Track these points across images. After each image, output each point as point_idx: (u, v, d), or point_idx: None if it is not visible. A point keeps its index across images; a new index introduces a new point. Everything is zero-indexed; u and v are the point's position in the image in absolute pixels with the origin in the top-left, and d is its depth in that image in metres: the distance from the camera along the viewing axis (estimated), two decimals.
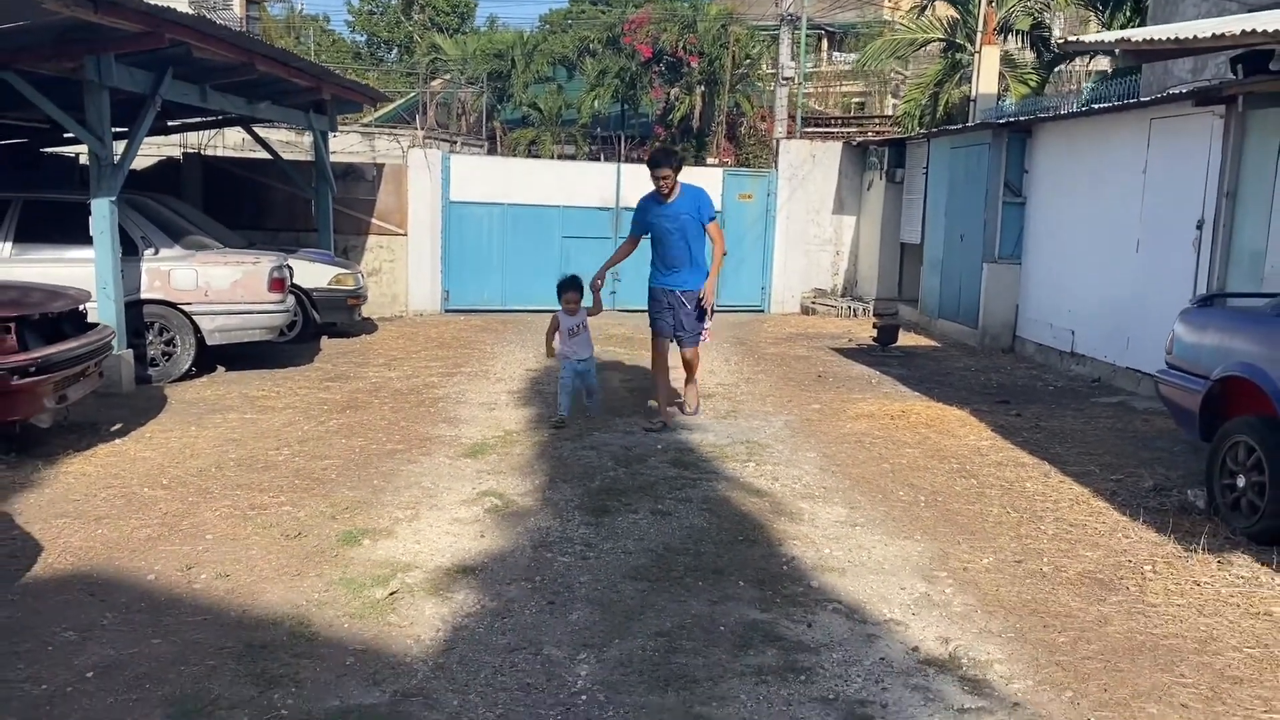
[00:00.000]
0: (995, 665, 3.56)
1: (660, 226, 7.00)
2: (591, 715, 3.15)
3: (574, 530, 4.94)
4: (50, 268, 7.96)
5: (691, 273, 7.06)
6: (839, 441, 6.94)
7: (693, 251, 7.03)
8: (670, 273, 7.07)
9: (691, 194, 7.02)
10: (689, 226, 6.95)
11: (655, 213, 7.03)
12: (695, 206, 6.98)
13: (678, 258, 7.02)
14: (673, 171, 6.91)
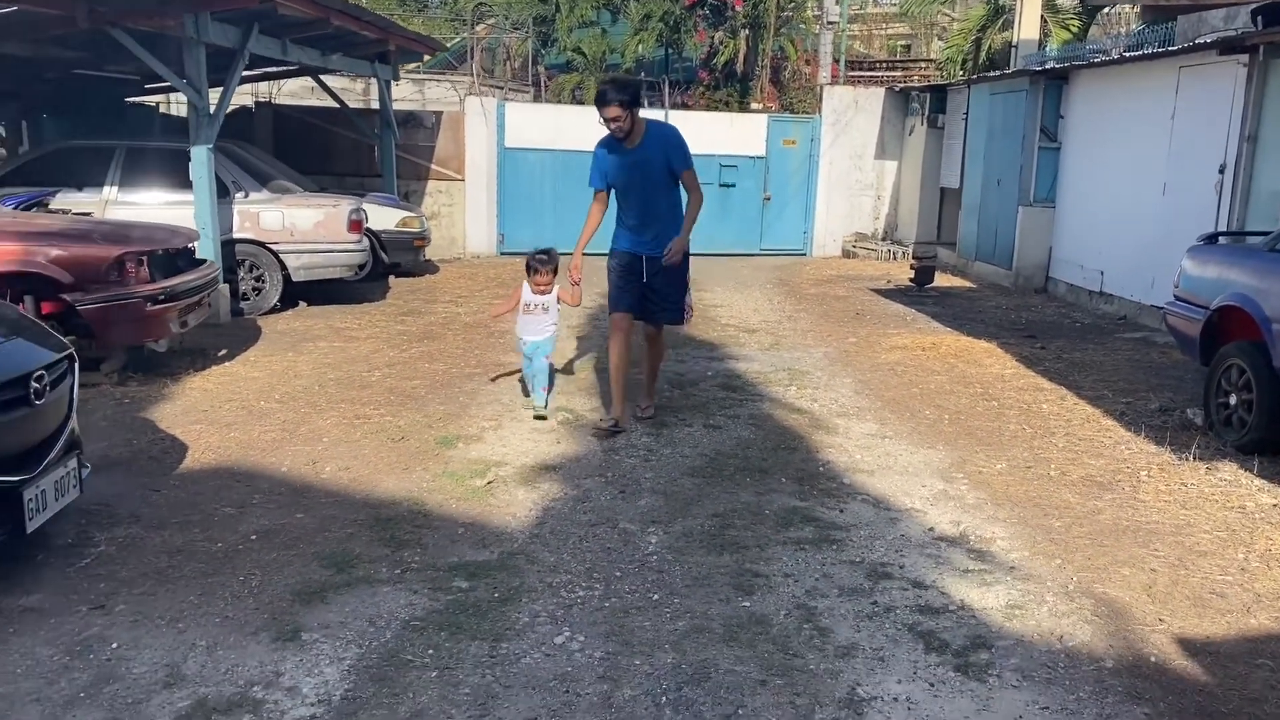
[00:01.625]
0: (998, 541, 4.24)
1: (624, 178, 5.59)
2: (662, 569, 3.88)
3: (637, 440, 5.65)
4: (150, 210, 8.75)
5: (664, 230, 5.59)
6: (873, 369, 7.58)
7: (663, 204, 5.63)
8: (641, 232, 5.63)
9: (660, 135, 5.61)
10: (659, 176, 5.55)
11: (616, 161, 5.58)
12: (665, 151, 5.53)
13: (649, 213, 5.60)
14: (624, 109, 5.33)
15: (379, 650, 3.20)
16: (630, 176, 5.58)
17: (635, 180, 5.57)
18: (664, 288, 5.72)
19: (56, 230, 6.19)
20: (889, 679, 3.09)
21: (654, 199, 5.60)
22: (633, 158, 5.54)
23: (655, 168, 5.54)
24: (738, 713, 2.88)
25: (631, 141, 5.51)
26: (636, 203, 5.62)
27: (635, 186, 5.58)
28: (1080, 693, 3.03)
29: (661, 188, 5.60)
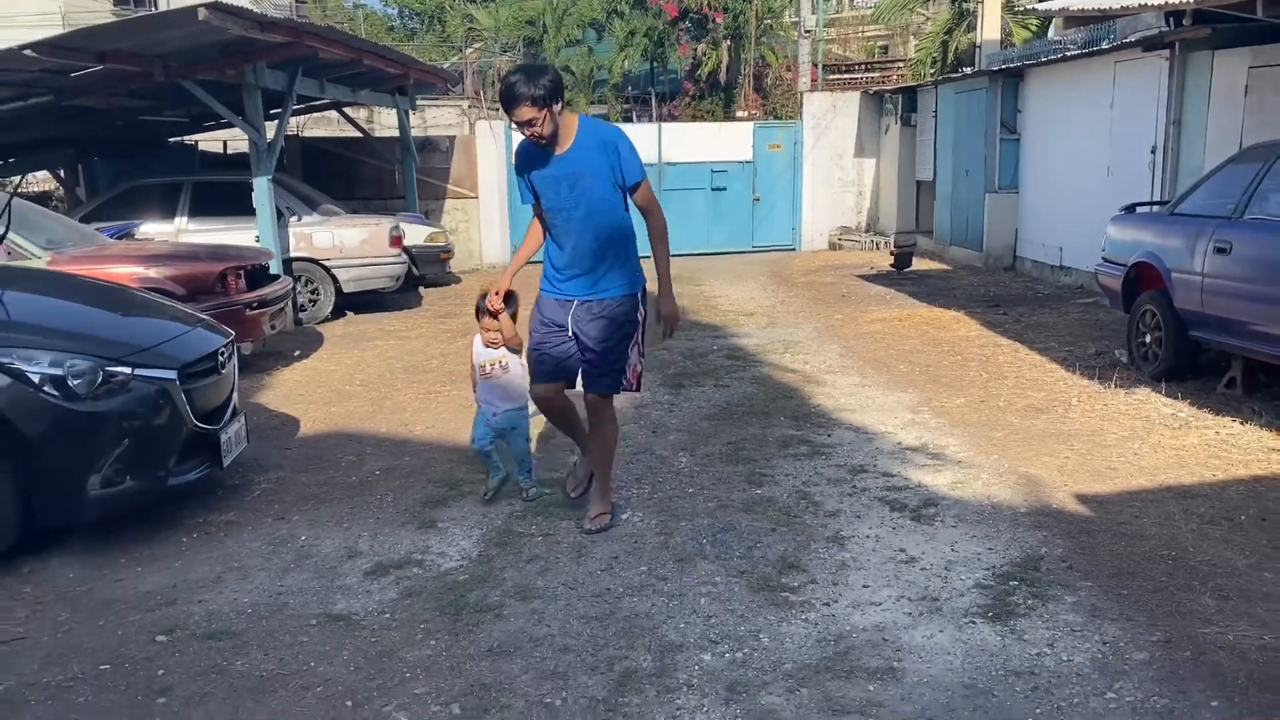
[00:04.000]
0: (950, 447, 5.46)
1: (551, 195, 4.09)
2: (692, 475, 5.09)
3: (661, 397, 6.87)
4: (216, 235, 9.98)
5: (609, 269, 4.14)
6: (856, 338, 8.81)
7: (609, 232, 4.10)
8: (570, 270, 4.16)
9: (600, 138, 4.07)
10: (597, 190, 4.03)
11: (540, 173, 4.09)
12: (606, 158, 4.03)
13: (587, 246, 4.10)
14: (539, 108, 3.88)
15: (496, 529, 4.42)
16: (559, 195, 4.04)
17: (566, 199, 4.03)
18: (599, 343, 4.15)
19: (167, 253, 7.43)
20: (863, 527, 4.31)
21: (594, 226, 4.05)
22: (563, 169, 4.02)
23: (594, 181, 4.01)
24: (756, 546, 4.11)
25: (559, 147, 4.02)
26: (569, 230, 4.08)
27: (567, 208, 4.04)
28: (999, 527, 4.26)
29: (603, 209, 4.04)
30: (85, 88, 9.28)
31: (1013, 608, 3.52)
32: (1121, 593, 3.61)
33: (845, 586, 3.74)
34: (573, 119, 4.12)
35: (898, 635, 3.36)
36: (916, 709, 2.91)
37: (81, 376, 4.07)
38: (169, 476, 4.35)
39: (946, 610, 3.52)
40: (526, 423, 4.83)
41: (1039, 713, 2.88)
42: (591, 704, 2.99)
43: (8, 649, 3.44)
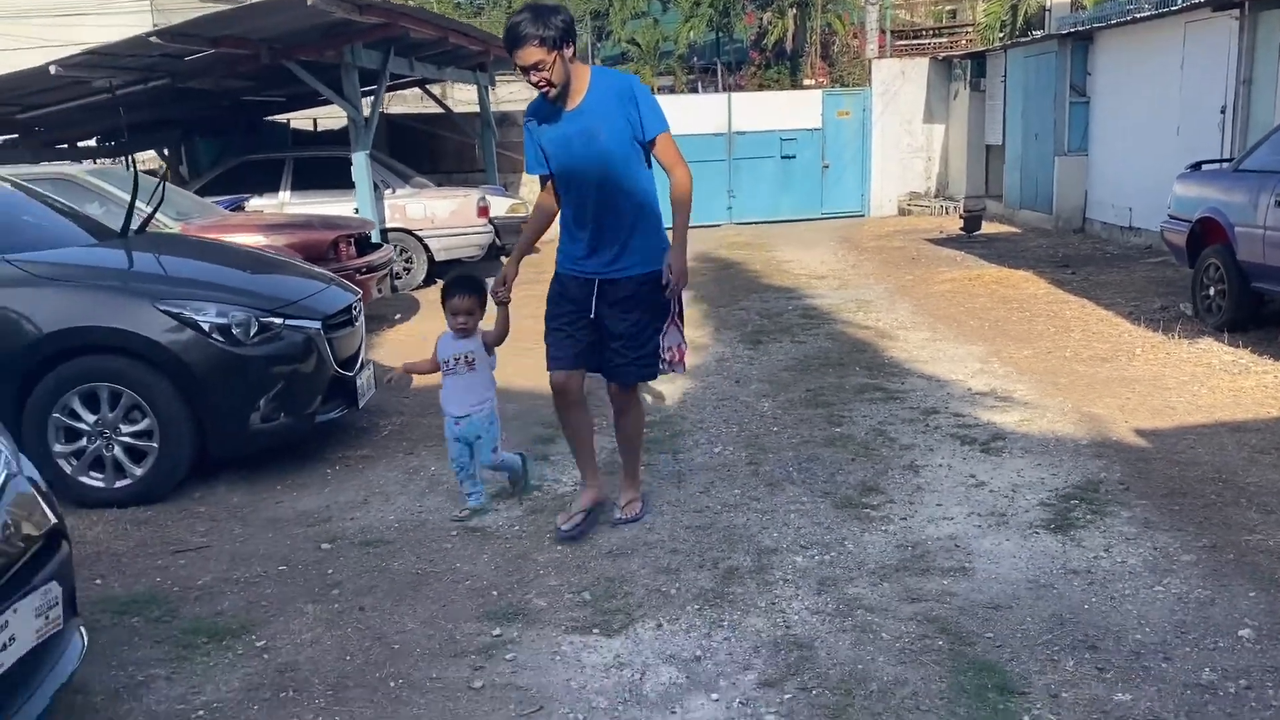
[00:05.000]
0: (1017, 391, 5.84)
1: (564, 158, 3.73)
2: (775, 417, 5.55)
3: (741, 352, 7.32)
4: (316, 207, 10.62)
5: (631, 241, 3.78)
6: (927, 297, 9.15)
7: (629, 198, 3.74)
8: (593, 246, 3.80)
9: (615, 88, 3.71)
10: (614, 147, 3.67)
11: (552, 133, 3.73)
12: (624, 111, 3.67)
13: (605, 213, 3.75)
14: (548, 50, 3.51)
15: (602, 461, 4.91)
16: (572, 156, 3.68)
17: (579, 158, 3.67)
18: (625, 327, 3.80)
19: (284, 222, 8.07)
20: (936, 458, 4.74)
21: (611, 189, 3.69)
22: (574, 126, 3.66)
23: (610, 138, 3.64)
24: (838, 473, 4.57)
25: (570, 101, 3.66)
26: (584, 197, 3.73)
27: (581, 170, 3.69)
28: (1062, 456, 4.66)
29: (621, 169, 3.68)
30: (198, 71, 9.97)
31: (1073, 521, 3.93)
32: (1173, 509, 4.00)
33: (920, 505, 4.18)
34: (585, 69, 3.70)
35: (968, 543, 3.79)
36: (986, 598, 3.35)
37: (241, 326, 4.66)
38: (315, 414, 4.94)
39: (1012, 524, 3.95)
40: (494, 429, 4.32)
41: (1094, 601, 3.30)
42: (701, 592, 3.48)
43: (197, 555, 4.04)
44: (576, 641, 3.21)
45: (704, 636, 3.20)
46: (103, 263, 4.96)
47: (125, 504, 4.51)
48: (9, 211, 5.28)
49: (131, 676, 3.09)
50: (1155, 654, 2.96)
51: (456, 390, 4.30)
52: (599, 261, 3.82)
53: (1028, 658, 2.97)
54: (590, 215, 3.78)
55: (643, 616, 3.35)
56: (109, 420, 4.51)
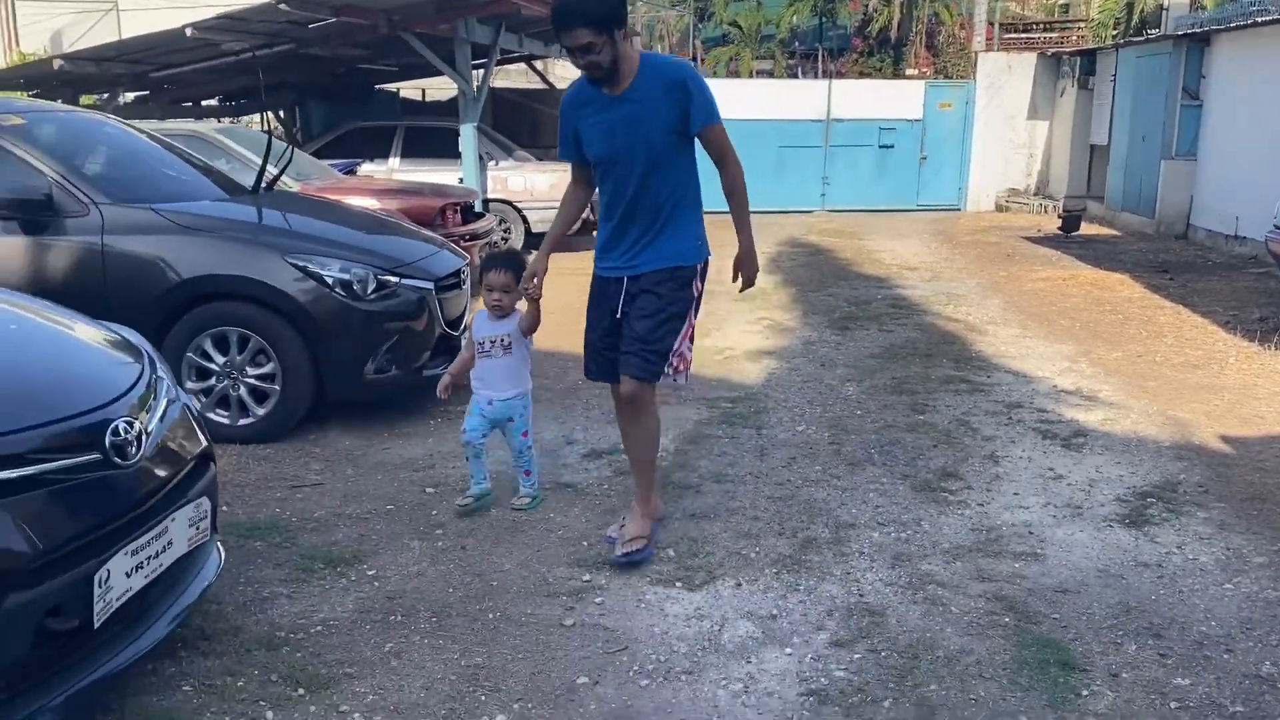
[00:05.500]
0: (1103, 392, 5.88)
1: (606, 144, 3.53)
2: (859, 402, 5.69)
3: (827, 337, 7.46)
4: (423, 175, 11.00)
5: (663, 234, 3.59)
6: (1019, 294, 9.14)
7: (669, 191, 3.55)
8: (623, 239, 3.62)
9: (665, 75, 3.50)
10: (660, 138, 3.47)
11: (594, 119, 3.54)
12: (673, 99, 3.45)
13: (643, 205, 3.55)
14: (598, 34, 3.33)
15: (687, 432, 5.15)
16: (616, 142, 3.48)
17: (622, 148, 3.48)
18: (643, 317, 3.56)
19: (396, 187, 8.43)
20: (1016, 450, 4.85)
21: (652, 182, 3.50)
22: (620, 113, 3.46)
23: (657, 127, 3.44)
24: (919, 457, 4.71)
25: (617, 86, 3.46)
26: (623, 187, 3.52)
27: (622, 160, 3.49)
28: (1143, 456, 4.73)
29: (666, 160, 3.49)
30: (319, 38, 10.40)
31: (1148, 518, 4.02)
32: (1251, 513, 4.06)
33: (997, 493, 4.31)
34: (635, 54, 3.49)
35: (1042, 531, 3.92)
36: (1055, 582, 3.49)
37: (361, 282, 4.98)
38: (423, 369, 5.24)
39: (1088, 516, 4.05)
40: (527, 412, 4.14)
41: (1162, 594, 3.41)
42: (780, 558, 3.68)
43: (312, 490, 4.37)
44: (660, 593, 3.44)
45: (780, 597, 3.40)
46: (236, 216, 5.32)
47: (247, 441, 4.87)
48: (152, 164, 5.69)
49: (256, 593, 3.42)
50: (1218, 645, 3.07)
51: (491, 373, 4.05)
52: (627, 255, 3.61)
53: (1091, 639, 3.10)
54: (626, 207, 3.57)
55: (723, 575, 3.56)
56: (236, 362, 4.88)
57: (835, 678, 2.91)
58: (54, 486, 2.33)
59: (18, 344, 2.82)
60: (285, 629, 3.18)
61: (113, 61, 10.52)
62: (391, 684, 2.89)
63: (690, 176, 3.63)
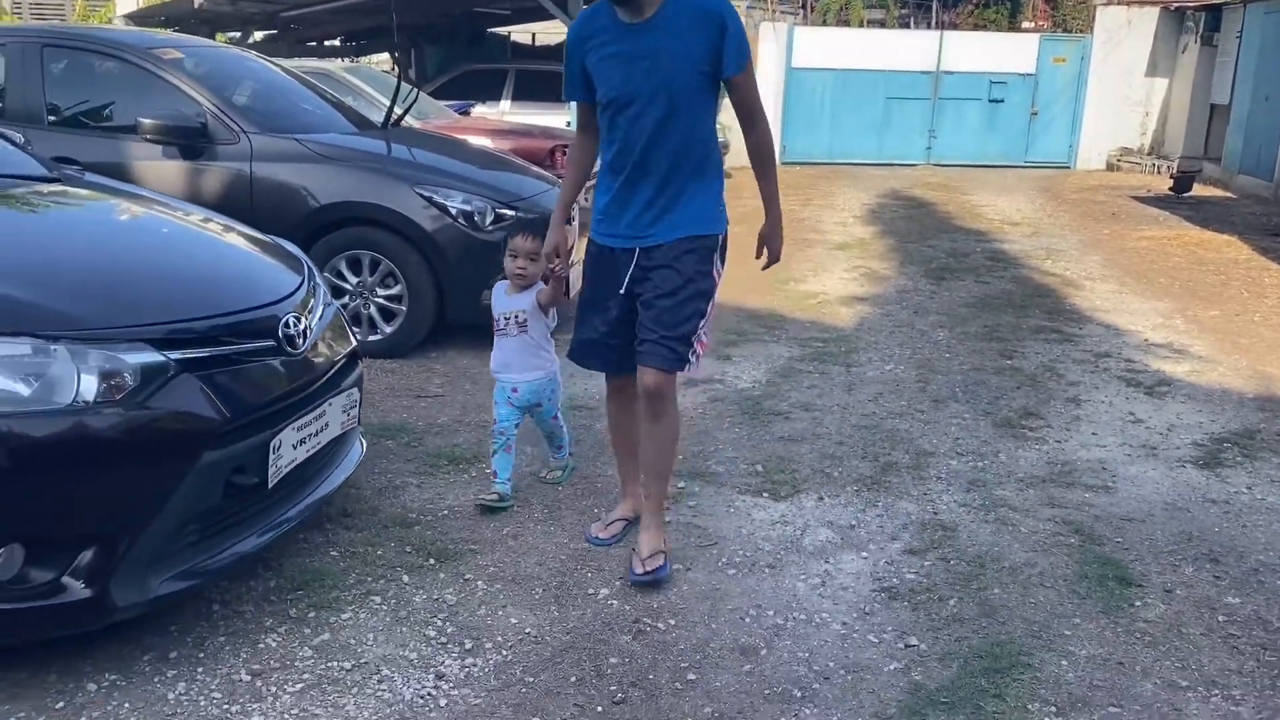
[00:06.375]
0: (1194, 347, 5.96)
1: (621, 81, 2.96)
2: (949, 347, 5.89)
3: (922, 286, 7.62)
4: (531, 117, 11.36)
5: (682, 198, 3.06)
6: (1120, 251, 9.12)
7: (691, 144, 3.02)
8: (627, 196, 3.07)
9: (695, 6, 2.94)
10: (684, 78, 2.94)
11: (609, 51, 2.97)
12: (703, 32, 2.92)
13: (651, 157, 3.00)
14: None
15: (778, 367, 5.43)
16: (631, 81, 2.95)
17: (640, 87, 2.94)
18: (660, 298, 3.06)
19: (509, 128, 8.81)
20: (1099, 395, 5.02)
21: (672, 130, 2.97)
22: (641, 44, 2.93)
23: (683, 65, 2.92)
24: (1002, 397, 4.93)
25: (640, 11, 2.94)
26: (635, 135, 2.98)
27: (639, 101, 2.95)
28: (1225, 405, 4.86)
29: (689, 105, 2.96)
30: None
31: (1222, 461, 4.18)
32: None
33: (1075, 432, 4.51)
34: None
35: (1115, 467, 4.12)
36: (1122, 511, 3.70)
37: (481, 213, 5.36)
38: None
39: (1162, 456, 4.24)
40: (556, 394, 3.83)
41: (1225, 526, 3.60)
42: (861, 477, 3.97)
43: (435, 400, 4.80)
44: (748, 501, 3.77)
45: (859, 511, 3.69)
46: (369, 148, 5.75)
47: (375, 356, 5.32)
48: (291, 98, 6.14)
49: (390, 481, 3.85)
50: (1273, 573, 3.27)
51: (509, 354, 3.68)
52: (638, 222, 3.05)
53: (1150, 561, 3.33)
54: (637, 159, 3.00)
55: (806, 489, 3.87)
56: (368, 283, 5.33)
57: (906, 579, 3.21)
58: (239, 366, 2.75)
59: (206, 246, 3.26)
60: (416, 511, 3.60)
61: (247, 0, 11.09)
62: (509, 559, 3.29)
63: (713, 131, 3.12)
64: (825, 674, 2.71)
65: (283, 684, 2.61)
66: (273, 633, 2.83)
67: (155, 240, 3.23)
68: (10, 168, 3.41)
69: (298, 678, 2.64)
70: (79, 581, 2.44)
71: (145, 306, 2.69)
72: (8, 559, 2.38)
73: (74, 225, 3.22)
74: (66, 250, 2.95)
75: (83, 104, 5.56)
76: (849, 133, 16.65)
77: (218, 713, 2.49)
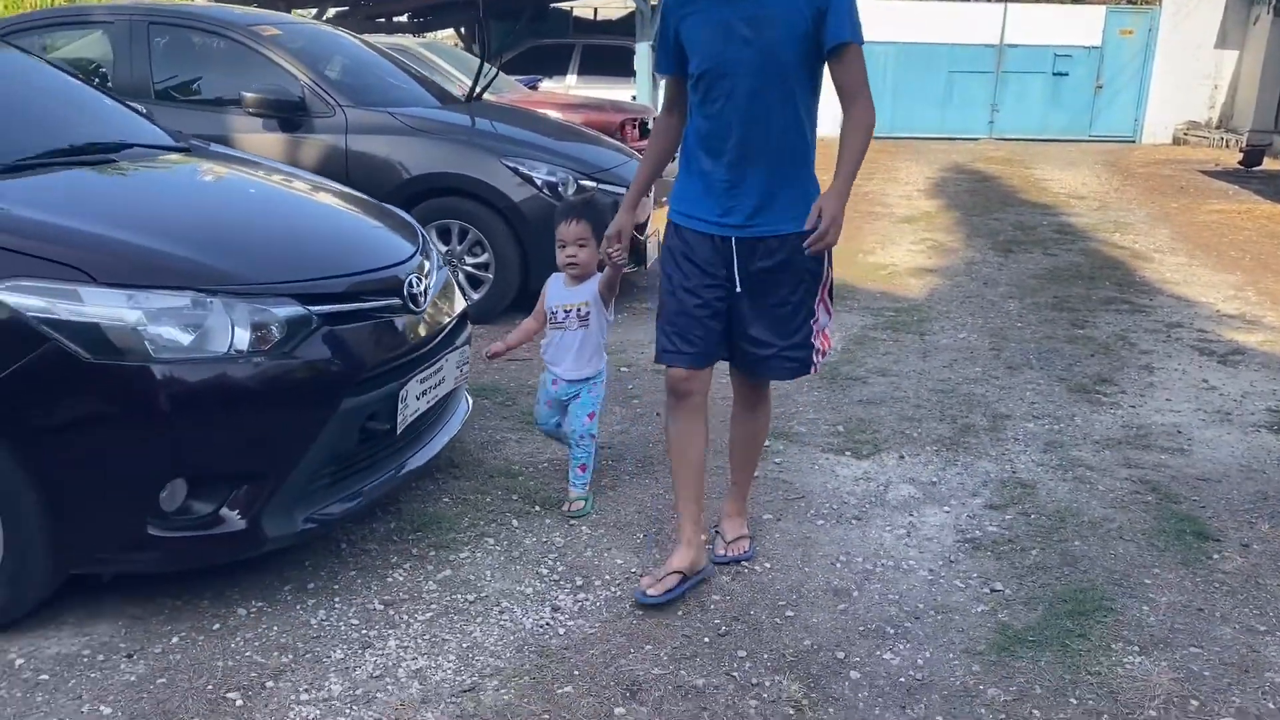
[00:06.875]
0: (1267, 318, 5.99)
1: (715, 47, 2.69)
2: (1020, 317, 5.98)
3: (990, 259, 7.68)
4: (597, 92, 11.52)
5: (784, 183, 2.77)
6: (1189, 225, 9.09)
7: (792, 121, 2.74)
8: (724, 179, 2.76)
9: None
10: (786, 45, 2.65)
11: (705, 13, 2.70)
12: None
13: (750, 134, 2.71)
14: None
15: (853, 335, 5.57)
16: (727, 46, 2.68)
17: (737, 55, 2.67)
18: (775, 305, 2.85)
19: (579, 102, 8.99)
20: (1172, 363, 5.10)
21: (771, 103, 2.70)
22: (741, 9, 2.66)
23: (785, 31, 2.64)
24: (1075, 364, 5.03)
25: None
26: (731, 109, 2.70)
27: (736, 69, 2.68)
28: None
29: (791, 78, 2.70)
30: None
31: None
32: None
33: (1150, 398, 4.60)
34: None
35: (1190, 431, 4.22)
36: (1197, 472, 3.82)
37: (564, 184, 5.55)
38: None
39: (1236, 422, 4.33)
40: (598, 392, 3.51)
41: None
42: (940, 438, 4.12)
43: (523, 364, 5.02)
44: (831, 459, 3.93)
45: (940, 469, 3.85)
46: (456, 121, 5.96)
47: None
48: (378, 73, 6.37)
49: (491, 436, 4.08)
50: None
51: (564, 349, 3.43)
52: (739, 207, 2.75)
53: (1227, 518, 3.45)
54: (738, 139, 2.70)
55: (888, 449, 4.02)
56: (456, 251, 5.55)
57: (988, 531, 3.36)
58: (372, 321, 2.98)
59: (333, 212, 3.50)
60: (518, 464, 3.82)
61: None
62: (609, 507, 3.49)
63: (813, 105, 2.78)
64: (915, 614, 2.88)
65: (413, 613, 2.85)
66: (399, 568, 3.07)
67: (287, 205, 3.47)
68: (147, 138, 3.66)
69: (426, 608, 2.87)
70: (235, 513, 2.68)
71: (288, 265, 2.92)
72: (172, 492, 2.63)
73: (213, 190, 3.46)
74: (212, 213, 3.19)
75: (186, 79, 5.84)
76: (911, 106, 16.59)
77: (357, 637, 2.73)
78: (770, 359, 2.91)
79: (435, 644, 2.70)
